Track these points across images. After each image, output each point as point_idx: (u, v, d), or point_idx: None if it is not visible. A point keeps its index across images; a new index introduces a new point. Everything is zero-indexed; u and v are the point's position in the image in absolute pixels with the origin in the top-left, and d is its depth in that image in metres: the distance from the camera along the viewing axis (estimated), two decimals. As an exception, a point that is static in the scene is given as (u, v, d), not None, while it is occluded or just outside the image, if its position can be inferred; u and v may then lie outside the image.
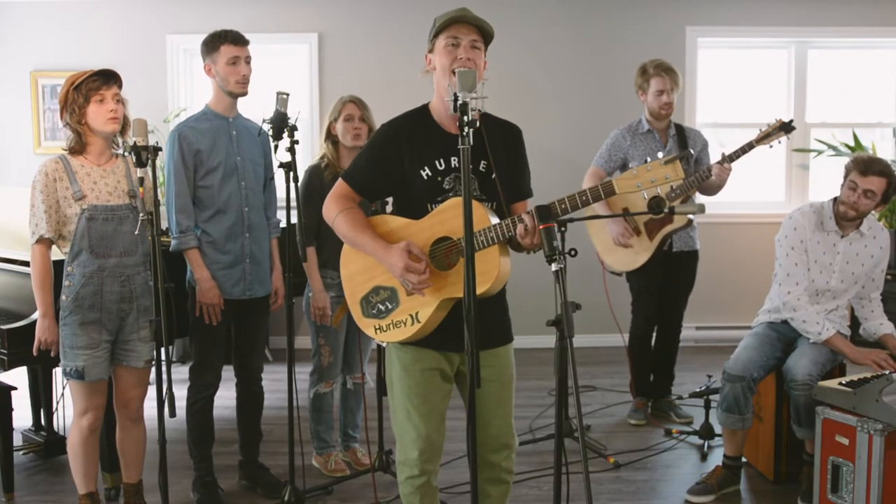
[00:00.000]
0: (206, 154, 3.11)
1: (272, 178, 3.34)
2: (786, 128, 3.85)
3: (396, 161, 2.29)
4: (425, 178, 2.28)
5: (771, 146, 3.91)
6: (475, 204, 2.17)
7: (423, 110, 2.36)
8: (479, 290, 2.11)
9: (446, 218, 2.22)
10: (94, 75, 2.78)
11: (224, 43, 3.09)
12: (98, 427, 2.94)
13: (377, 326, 2.31)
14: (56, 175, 2.78)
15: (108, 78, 2.80)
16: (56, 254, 2.86)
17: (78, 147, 2.84)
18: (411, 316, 2.25)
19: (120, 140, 2.90)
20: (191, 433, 3.26)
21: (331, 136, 3.45)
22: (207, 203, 3.14)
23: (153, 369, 2.88)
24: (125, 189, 2.88)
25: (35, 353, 2.86)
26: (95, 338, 2.81)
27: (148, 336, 2.91)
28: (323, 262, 3.42)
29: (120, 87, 2.84)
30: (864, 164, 3.18)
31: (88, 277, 2.79)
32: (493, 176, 2.30)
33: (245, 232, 3.20)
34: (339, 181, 2.38)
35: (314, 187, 3.37)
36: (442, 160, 2.29)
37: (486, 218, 2.19)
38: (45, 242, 2.81)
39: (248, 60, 3.15)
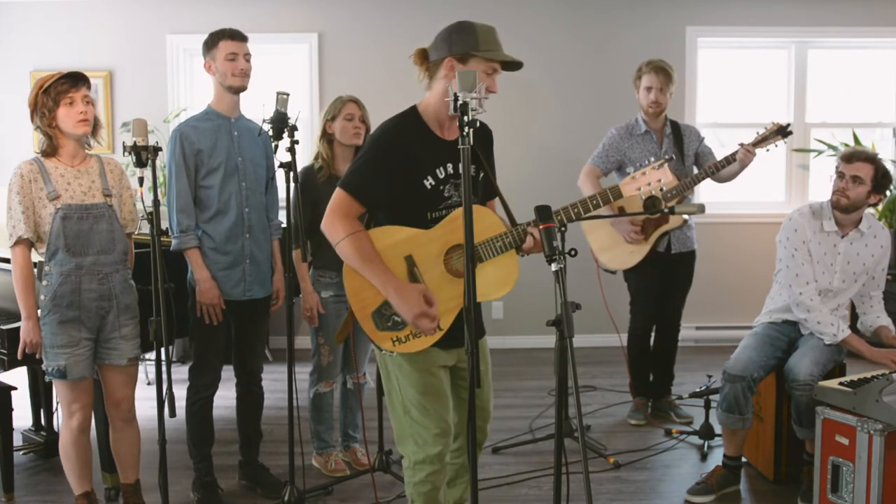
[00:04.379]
0: (207, 154, 3.11)
1: (273, 179, 3.34)
2: (783, 132, 3.86)
3: (400, 170, 2.24)
4: (429, 187, 2.25)
5: (767, 150, 3.92)
6: (487, 211, 2.27)
7: (414, 116, 2.31)
8: (500, 294, 2.26)
9: (458, 226, 2.20)
10: (63, 78, 2.77)
11: (222, 39, 3.11)
12: (88, 426, 2.93)
13: (395, 338, 2.26)
14: (31, 176, 2.78)
15: (77, 80, 2.79)
16: (36, 256, 2.85)
17: (50, 150, 2.83)
18: None
19: (91, 140, 2.89)
20: (190, 433, 3.26)
21: (326, 135, 3.44)
22: (208, 203, 3.14)
23: (153, 369, 2.88)
24: (100, 188, 2.86)
25: (20, 356, 2.85)
26: (75, 336, 2.80)
27: (130, 334, 2.90)
28: (323, 262, 3.42)
29: (89, 88, 2.83)
30: (848, 153, 3.27)
31: (66, 276, 2.78)
32: (482, 177, 2.37)
33: (245, 233, 3.20)
34: (344, 195, 2.25)
35: (308, 190, 3.36)
36: (441, 168, 2.27)
37: (499, 224, 2.26)
38: (24, 243, 2.79)
39: (247, 57, 3.15)
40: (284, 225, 3.21)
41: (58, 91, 2.75)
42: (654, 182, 2.37)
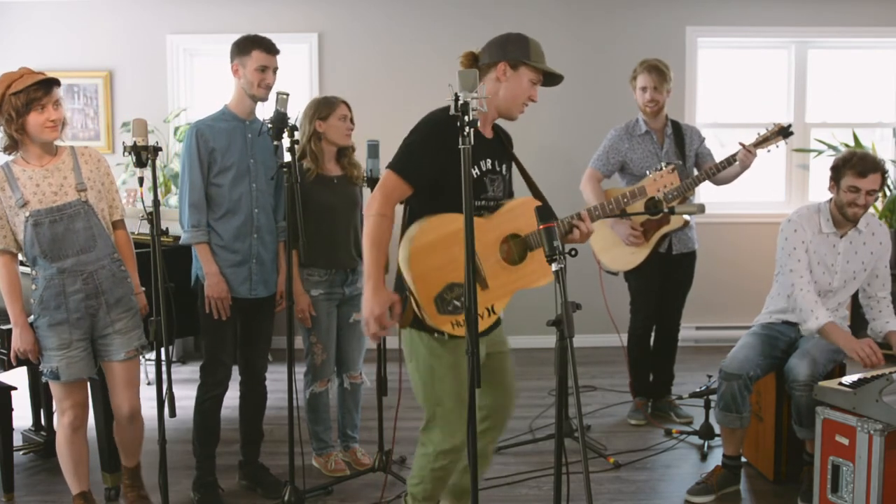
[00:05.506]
0: (221, 153, 3.12)
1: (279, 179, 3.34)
2: (784, 132, 3.85)
3: (449, 155, 2.27)
4: (475, 176, 2.36)
5: (768, 150, 3.92)
6: (536, 203, 2.44)
7: None
8: (543, 281, 2.46)
9: (513, 216, 2.42)
10: (36, 85, 2.69)
11: (257, 48, 3.12)
12: (80, 425, 2.93)
13: (454, 322, 2.32)
14: None
15: (51, 86, 2.74)
16: None
17: (10, 147, 2.77)
18: (487, 309, 2.35)
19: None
20: (197, 432, 3.26)
21: (316, 134, 3.43)
22: (218, 202, 3.15)
23: (153, 370, 2.88)
24: (73, 184, 2.81)
25: (14, 362, 2.85)
26: (66, 338, 2.79)
27: (125, 327, 2.89)
28: (312, 260, 3.40)
29: (58, 87, 2.77)
30: (860, 166, 3.18)
31: (49, 280, 2.77)
32: (509, 176, 2.54)
33: (253, 233, 3.21)
34: (392, 176, 2.32)
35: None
36: (482, 162, 2.41)
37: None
38: (1, 253, 2.78)
39: (275, 70, 3.18)
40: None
41: (31, 98, 2.68)
42: (669, 185, 2.66)
